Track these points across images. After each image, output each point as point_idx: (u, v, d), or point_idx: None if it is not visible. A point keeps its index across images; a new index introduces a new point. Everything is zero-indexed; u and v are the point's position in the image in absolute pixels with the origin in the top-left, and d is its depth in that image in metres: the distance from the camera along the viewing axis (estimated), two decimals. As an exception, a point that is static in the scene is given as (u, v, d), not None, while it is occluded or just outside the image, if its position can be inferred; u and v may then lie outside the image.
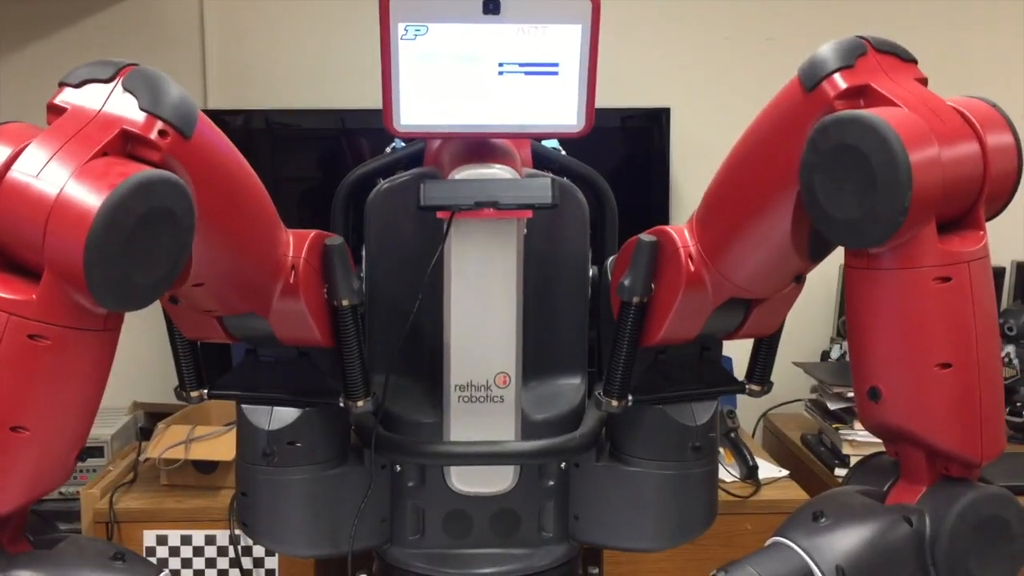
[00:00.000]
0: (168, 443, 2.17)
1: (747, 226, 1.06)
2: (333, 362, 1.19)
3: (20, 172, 0.82)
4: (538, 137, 1.29)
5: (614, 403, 1.19)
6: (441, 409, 1.22)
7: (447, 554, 1.26)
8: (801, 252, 1.03)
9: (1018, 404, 2.56)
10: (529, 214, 1.13)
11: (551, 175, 1.20)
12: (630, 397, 1.19)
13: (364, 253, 1.27)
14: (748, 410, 2.76)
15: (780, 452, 2.72)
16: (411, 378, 1.27)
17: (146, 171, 0.82)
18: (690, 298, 1.11)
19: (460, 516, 1.27)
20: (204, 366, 1.25)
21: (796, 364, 2.57)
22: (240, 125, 2.62)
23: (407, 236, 1.24)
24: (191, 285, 0.99)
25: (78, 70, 0.89)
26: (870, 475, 1.07)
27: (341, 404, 1.19)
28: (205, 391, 1.25)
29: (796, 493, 2.32)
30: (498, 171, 1.12)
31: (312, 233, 1.15)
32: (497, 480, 1.25)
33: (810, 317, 2.84)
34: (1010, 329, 2.59)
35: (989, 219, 0.96)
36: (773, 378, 1.29)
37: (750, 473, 2.36)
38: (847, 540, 0.96)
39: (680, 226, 1.15)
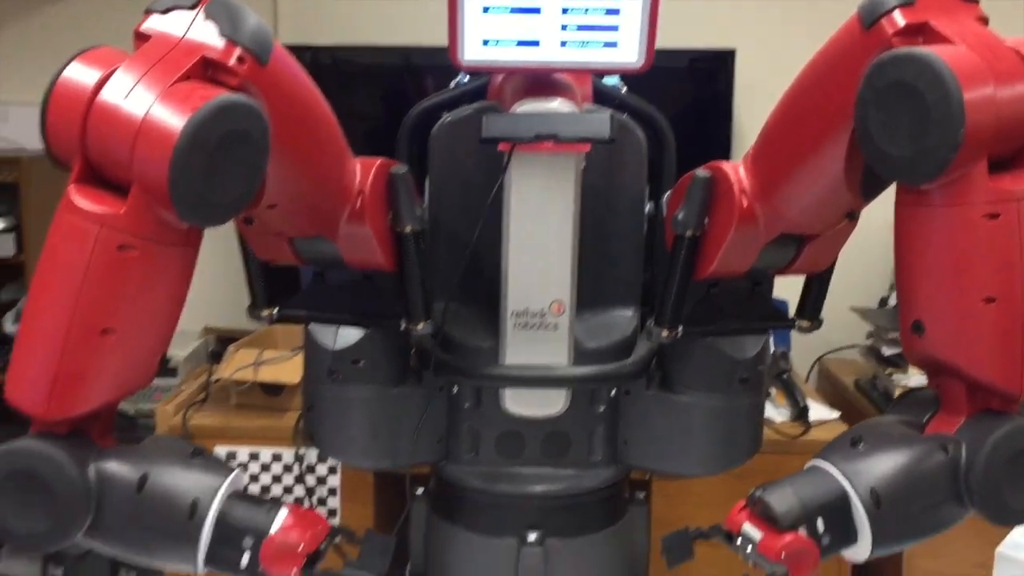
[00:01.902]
0: (237, 365, 2.28)
1: (801, 162, 1.08)
2: (395, 286, 1.24)
3: (109, 95, 0.89)
4: (599, 73, 1.32)
5: (664, 333, 1.23)
6: (497, 335, 1.27)
7: (500, 472, 1.33)
8: (853, 189, 1.05)
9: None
10: (587, 148, 1.16)
11: (610, 111, 1.23)
12: (680, 328, 1.23)
13: (427, 183, 1.32)
14: (803, 354, 2.77)
15: (833, 396, 2.74)
16: (470, 305, 1.32)
17: (226, 95, 0.88)
18: (742, 232, 1.14)
19: (513, 437, 1.33)
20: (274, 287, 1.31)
21: (853, 310, 2.58)
22: (308, 61, 2.67)
23: (469, 168, 1.28)
24: (265, 206, 1.05)
25: None
26: (911, 407, 1.10)
27: (402, 326, 1.25)
28: (275, 310, 1.31)
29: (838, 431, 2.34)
30: (558, 105, 1.16)
31: (378, 161, 1.20)
32: (549, 404, 1.30)
33: (869, 263, 2.82)
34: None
35: None
36: (828, 322, 1.32)
37: (800, 414, 2.39)
38: (883, 465, 1.00)
39: (735, 163, 1.17)
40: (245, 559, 1.00)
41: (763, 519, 1.00)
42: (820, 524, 0.99)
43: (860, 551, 1.01)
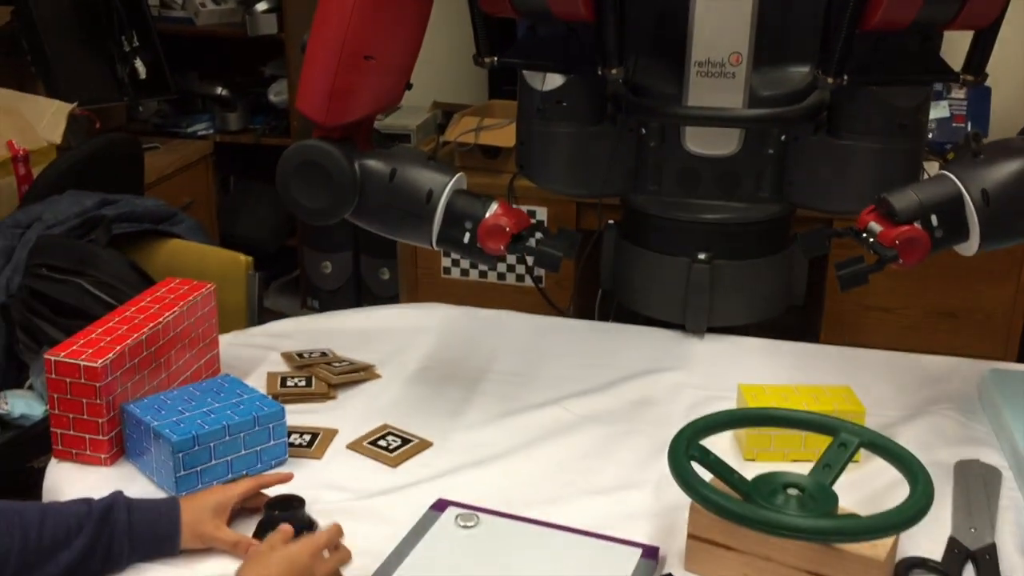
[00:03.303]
0: (462, 130, 2.57)
1: None
2: (595, 38, 1.46)
3: None
4: None
5: (830, 80, 1.37)
6: (682, 82, 1.47)
7: (679, 202, 1.55)
8: None
9: None
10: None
11: None
12: (845, 77, 1.38)
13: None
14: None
15: None
16: (658, 57, 1.52)
17: None
18: None
19: (691, 173, 1.54)
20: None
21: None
22: None
23: (664, -71, 1.45)
24: None
25: None
26: None
27: (599, 72, 1.47)
28: (495, 59, 1.56)
29: None
30: None
31: None
32: (724, 143, 1.50)
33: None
34: None
35: None
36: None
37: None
38: (997, 171, 1.14)
39: None
40: (467, 237, 1.29)
41: (886, 216, 1.17)
42: (934, 219, 1.15)
43: (971, 246, 1.17)
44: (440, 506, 1.10)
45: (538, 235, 1.32)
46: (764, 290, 1.59)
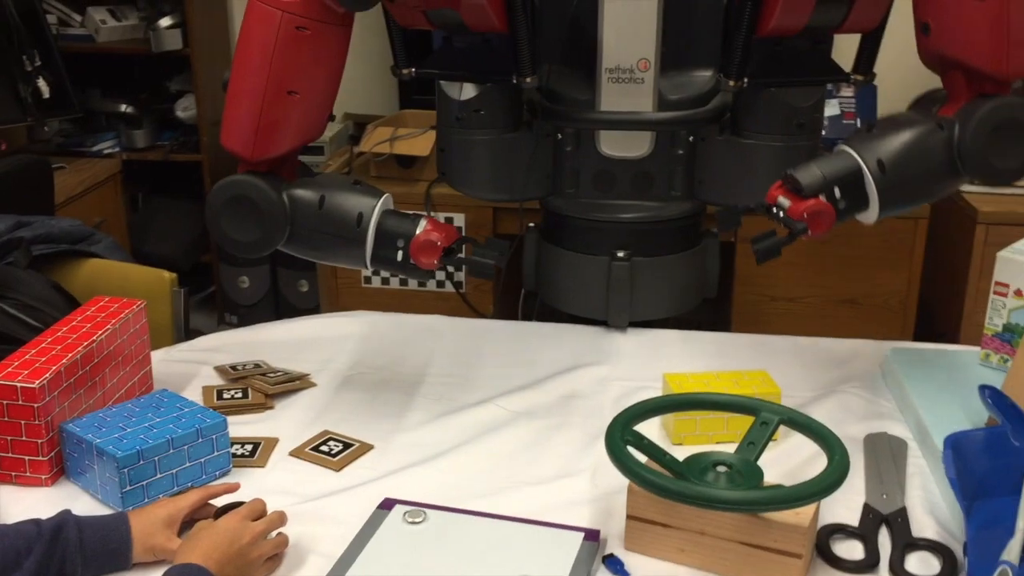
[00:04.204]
0: (376, 140, 2.60)
1: None
2: (508, 47, 1.51)
3: None
4: None
5: (731, 83, 1.46)
6: (594, 88, 1.54)
7: (596, 203, 1.62)
8: None
9: None
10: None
11: None
12: (745, 80, 1.47)
13: (536, -41, 1.56)
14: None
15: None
16: (571, 65, 1.58)
17: None
18: None
19: (606, 175, 1.61)
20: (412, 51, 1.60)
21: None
22: None
23: (571, -56, 1.52)
24: None
25: None
26: (924, 103, 1.32)
27: (514, 81, 1.53)
28: (413, 69, 1.60)
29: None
30: None
31: None
32: (636, 145, 1.58)
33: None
34: None
35: None
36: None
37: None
38: (889, 142, 1.23)
39: None
40: (399, 255, 1.31)
41: (792, 191, 1.25)
42: (837, 192, 1.23)
43: (871, 214, 1.25)
44: (387, 505, 1.14)
45: (469, 246, 1.36)
46: (681, 284, 1.67)
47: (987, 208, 2.43)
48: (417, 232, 1.31)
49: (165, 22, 3.00)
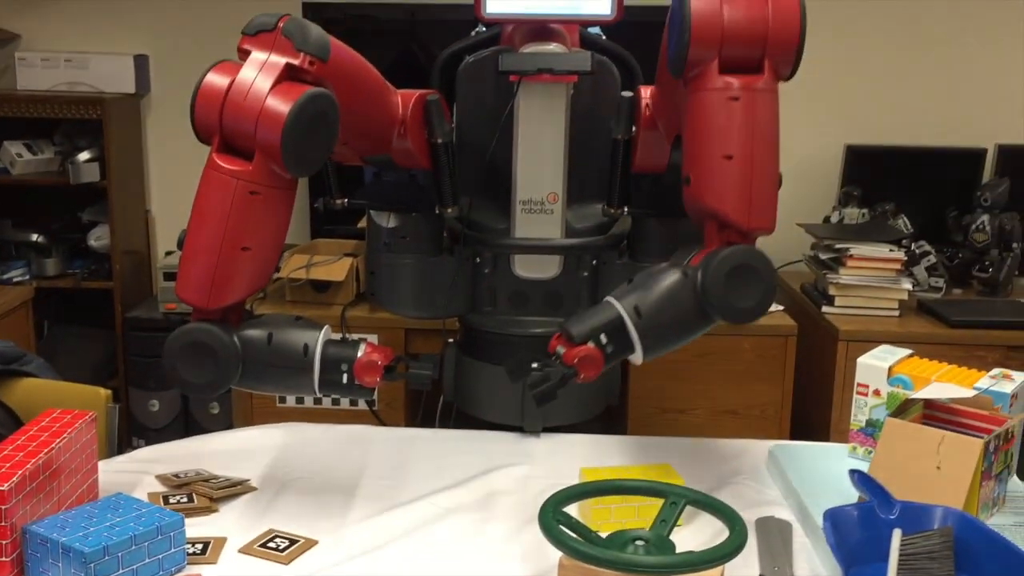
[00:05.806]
0: (293, 267, 2.74)
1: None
2: (432, 182, 1.71)
3: (237, 95, 1.34)
4: (583, 23, 1.77)
5: (612, 211, 1.70)
6: (509, 218, 1.74)
7: (511, 319, 1.80)
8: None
9: (987, 264, 3.01)
10: (575, 78, 1.63)
11: (591, 52, 1.69)
12: (625, 209, 1.70)
13: (455, 109, 1.78)
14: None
15: (781, 297, 3.17)
16: (488, 198, 1.79)
17: (311, 90, 1.33)
18: (648, 135, 1.61)
19: (521, 295, 1.80)
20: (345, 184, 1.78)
21: (799, 225, 3.00)
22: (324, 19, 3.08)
23: (487, 95, 1.74)
24: (340, 144, 1.50)
25: (253, 21, 1.38)
26: (681, 252, 1.48)
27: (437, 211, 1.72)
28: (346, 200, 1.78)
29: (784, 319, 2.83)
30: (554, 47, 1.63)
31: (417, 93, 1.66)
32: (547, 268, 1.78)
33: (818, 189, 3.26)
34: (985, 200, 2.97)
35: (784, 79, 1.38)
36: (780, 238, 1.56)
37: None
38: (645, 292, 1.39)
39: (651, 85, 1.63)
40: (344, 378, 1.44)
41: (567, 340, 1.40)
42: (603, 338, 1.38)
43: (638, 356, 1.40)
44: (339, 590, 1.25)
45: (405, 362, 1.50)
46: (590, 391, 1.85)
47: (847, 327, 2.75)
48: (359, 355, 1.44)
49: (84, 156, 3.11)
